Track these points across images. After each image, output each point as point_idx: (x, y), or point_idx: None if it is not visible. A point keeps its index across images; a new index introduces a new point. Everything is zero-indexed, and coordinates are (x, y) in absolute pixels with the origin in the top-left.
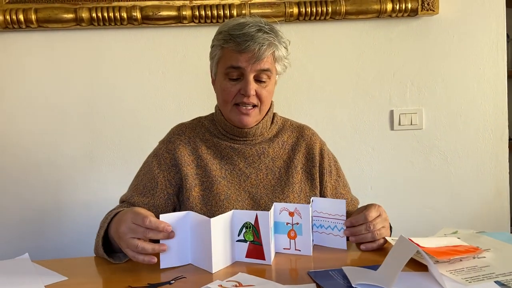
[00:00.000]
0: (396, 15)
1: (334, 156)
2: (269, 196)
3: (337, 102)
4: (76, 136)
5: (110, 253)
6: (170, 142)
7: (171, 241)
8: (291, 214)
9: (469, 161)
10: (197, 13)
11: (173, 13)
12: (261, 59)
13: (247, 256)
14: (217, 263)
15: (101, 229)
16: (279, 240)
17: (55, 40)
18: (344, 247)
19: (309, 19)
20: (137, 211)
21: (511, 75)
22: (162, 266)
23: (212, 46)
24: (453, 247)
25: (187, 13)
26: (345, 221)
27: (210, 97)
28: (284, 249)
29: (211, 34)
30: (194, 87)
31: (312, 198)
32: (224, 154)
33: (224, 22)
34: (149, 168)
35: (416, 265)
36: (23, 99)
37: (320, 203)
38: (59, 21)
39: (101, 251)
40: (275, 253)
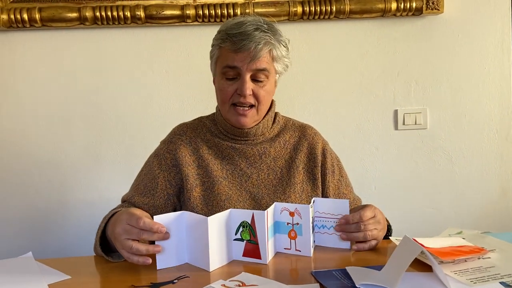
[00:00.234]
0: (401, 14)
1: (337, 156)
2: (271, 196)
3: (341, 102)
4: (80, 136)
5: (109, 252)
6: (171, 142)
7: (167, 242)
8: (292, 214)
9: (474, 161)
10: (201, 12)
11: (177, 12)
12: (257, 58)
13: (244, 255)
14: (214, 262)
15: (99, 229)
16: (280, 240)
17: (59, 39)
18: (348, 247)
19: (313, 18)
20: (132, 212)
21: None
22: (159, 267)
23: (212, 46)
24: (458, 248)
25: (191, 12)
26: (340, 218)
27: (214, 96)
28: (285, 249)
29: (215, 33)
30: (198, 86)
31: (314, 199)
32: (225, 154)
33: (225, 21)
34: (150, 168)
35: (421, 266)
36: (28, 98)
37: (323, 204)
38: (63, 20)
39: (99, 251)
40: (276, 253)
